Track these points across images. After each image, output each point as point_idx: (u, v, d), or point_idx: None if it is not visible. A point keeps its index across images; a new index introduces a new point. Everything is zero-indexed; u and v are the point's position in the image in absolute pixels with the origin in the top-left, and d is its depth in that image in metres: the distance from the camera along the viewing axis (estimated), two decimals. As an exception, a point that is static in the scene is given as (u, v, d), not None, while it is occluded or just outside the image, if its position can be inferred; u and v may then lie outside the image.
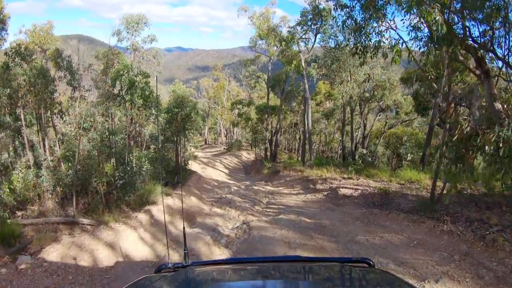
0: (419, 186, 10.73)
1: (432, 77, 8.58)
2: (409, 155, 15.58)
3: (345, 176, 13.54)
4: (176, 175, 13.19)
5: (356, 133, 29.63)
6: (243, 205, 10.74)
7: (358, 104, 25.80)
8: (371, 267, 1.69)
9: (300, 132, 36.85)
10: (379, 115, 28.11)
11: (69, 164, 7.98)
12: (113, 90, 10.95)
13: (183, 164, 16.94)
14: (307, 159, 18.92)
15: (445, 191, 7.26)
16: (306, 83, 18.63)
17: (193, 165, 24.18)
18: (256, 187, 14.11)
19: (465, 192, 8.50)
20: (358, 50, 7.08)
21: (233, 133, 47.81)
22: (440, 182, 8.04)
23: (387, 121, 29.32)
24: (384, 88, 23.68)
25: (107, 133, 7.87)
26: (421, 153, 18.11)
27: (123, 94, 10.76)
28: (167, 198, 9.83)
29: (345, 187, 11.40)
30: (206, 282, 1.60)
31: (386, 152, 30.01)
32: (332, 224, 7.68)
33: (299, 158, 28.56)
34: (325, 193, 11.33)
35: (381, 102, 25.15)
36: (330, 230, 7.19)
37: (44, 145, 9.07)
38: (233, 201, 11.24)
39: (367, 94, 23.26)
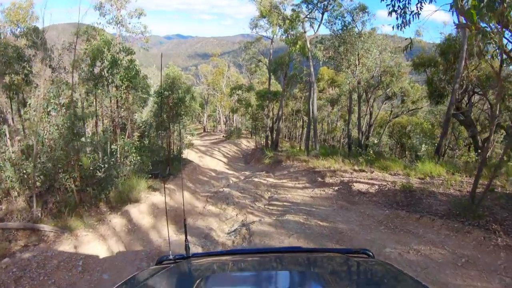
0: (443, 182, 9.37)
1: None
2: (423, 146, 14.22)
3: (356, 168, 12.18)
4: (168, 166, 11.82)
5: (361, 122, 28.37)
6: (242, 202, 9.41)
7: (364, 91, 24.66)
8: (370, 258, 1.75)
9: (302, 120, 35.51)
10: (385, 103, 26.96)
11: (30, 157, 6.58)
12: (93, 70, 9.48)
13: (177, 153, 15.58)
14: (312, 148, 17.55)
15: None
16: (311, 66, 17.10)
17: (190, 154, 22.94)
18: (256, 179, 12.75)
19: (506, 191, 7.16)
20: (395, 8, 5.47)
21: (233, 121, 46.36)
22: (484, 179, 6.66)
23: (392, 109, 28.17)
24: (392, 75, 22.45)
25: (74, 118, 6.44)
26: (436, 144, 16.87)
27: (105, 74, 9.30)
28: (154, 193, 8.47)
29: (359, 182, 10.05)
30: (207, 273, 1.58)
31: (389, 142, 28.92)
32: (351, 229, 6.34)
33: (302, 147, 27.25)
34: (336, 188, 9.97)
35: (388, 90, 23.98)
36: (349, 239, 5.86)
37: (7, 134, 7.66)
38: (230, 196, 9.91)
39: (372, 81, 21.82)
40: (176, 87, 11.77)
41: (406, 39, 6.71)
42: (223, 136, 36.19)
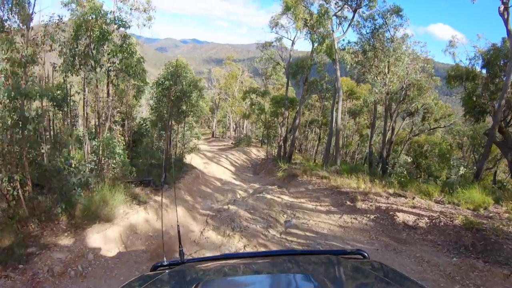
0: (509, 217, 7.11)
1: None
2: (461, 168, 11.97)
3: (390, 191, 9.98)
4: (164, 173, 9.78)
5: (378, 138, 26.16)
6: (252, 226, 7.27)
7: (388, 104, 22.73)
8: (365, 259, 1.74)
9: (314, 132, 33.32)
10: (406, 120, 25.00)
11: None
12: (76, 46, 7.56)
13: (178, 157, 13.59)
14: (331, 163, 15.38)
15: None
16: (338, 70, 15.05)
17: (194, 159, 21.02)
18: (269, 196, 10.61)
19: None
20: None
21: (243, 128, 44.40)
22: None
23: (413, 127, 26.17)
24: (420, 88, 20.45)
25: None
26: (476, 167, 14.65)
27: (91, 52, 7.38)
28: (136, 209, 6.40)
29: (401, 210, 7.83)
30: (202, 278, 1.54)
31: (406, 160, 26.91)
32: None
33: (316, 161, 25.00)
34: (372, 216, 7.78)
35: (413, 105, 22.08)
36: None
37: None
38: (237, 217, 7.77)
39: (397, 95, 19.82)
40: (180, 78, 9.81)
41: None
42: (231, 143, 34.22)
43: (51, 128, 7.93)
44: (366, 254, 1.76)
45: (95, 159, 6.87)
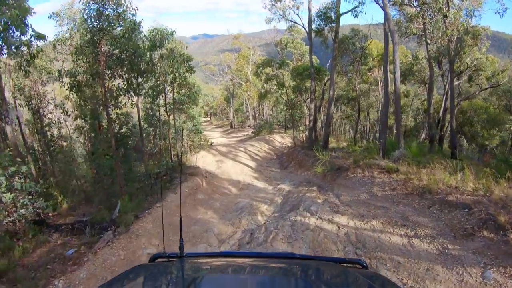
0: None
1: None
2: None
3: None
4: (118, 202, 5.48)
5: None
6: None
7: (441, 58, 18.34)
8: (364, 268, 1.69)
9: (339, 110, 28.10)
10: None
11: None
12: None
13: (176, 159, 9.35)
14: (391, 145, 10.56)
15: None
16: (386, 6, 10.06)
17: (206, 158, 16.79)
18: (313, 221, 5.98)
19: None
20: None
21: (262, 115, 39.94)
22: None
23: (460, 89, 21.44)
24: (476, 36, 15.66)
25: None
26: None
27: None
28: None
29: None
30: (199, 273, 1.58)
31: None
32: None
33: (358, 144, 20.03)
34: None
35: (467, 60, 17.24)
36: None
37: None
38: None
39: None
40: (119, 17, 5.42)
41: None
42: (251, 132, 29.93)
43: None
44: (365, 264, 1.68)
45: None
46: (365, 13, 17.16)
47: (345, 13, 12.89)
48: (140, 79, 7.31)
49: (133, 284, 1.41)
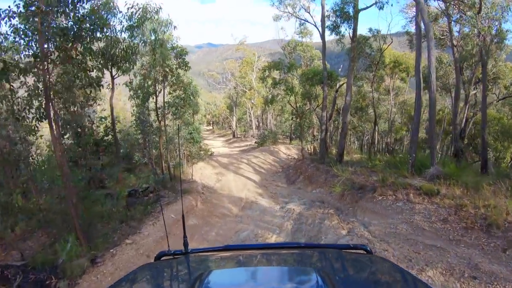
0: None
1: None
2: None
3: None
4: (62, 240, 3.80)
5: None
6: None
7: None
8: (368, 253, 1.68)
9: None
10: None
11: None
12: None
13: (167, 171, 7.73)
14: (421, 160, 8.85)
15: None
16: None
17: (204, 170, 15.30)
18: None
19: None
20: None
21: (266, 124, 38.46)
22: None
23: (476, 99, 20.06)
24: (501, 41, 14.39)
25: None
26: None
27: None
28: None
29: None
30: (206, 268, 1.54)
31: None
32: None
33: (376, 157, 18.24)
34: None
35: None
36: None
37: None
38: None
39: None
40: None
41: None
42: (255, 143, 28.34)
43: None
44: (369, 249, 1.69)
45: None
46: (392, 5, 15.73)
47: (365, 8, 11.31)
48: (114, 71, 5.78)
49: (141, 282, 1.39)
